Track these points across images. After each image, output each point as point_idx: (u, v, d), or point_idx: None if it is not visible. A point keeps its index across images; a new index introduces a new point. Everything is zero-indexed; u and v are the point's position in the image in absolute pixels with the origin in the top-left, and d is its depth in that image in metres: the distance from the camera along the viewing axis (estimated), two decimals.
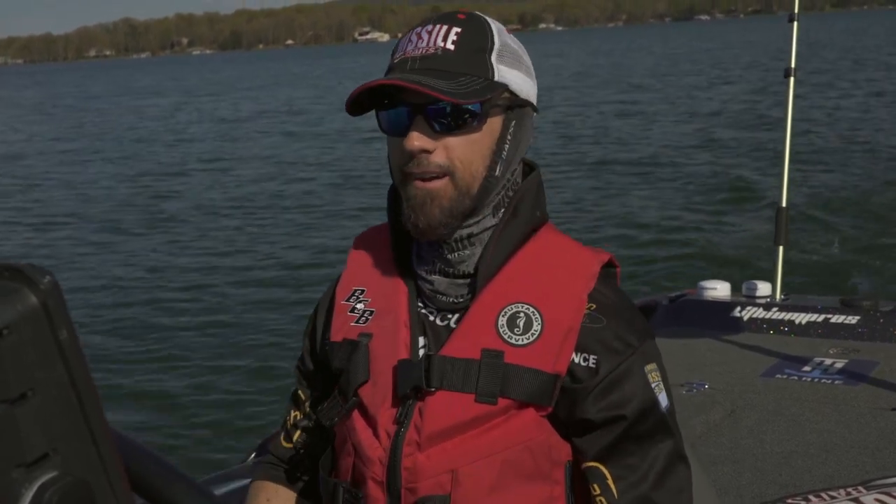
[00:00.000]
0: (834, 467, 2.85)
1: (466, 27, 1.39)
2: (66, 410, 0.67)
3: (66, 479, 0.67)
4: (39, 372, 0.65)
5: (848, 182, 13.15)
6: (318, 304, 1.62)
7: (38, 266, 0.66)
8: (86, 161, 22.54)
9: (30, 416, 0.65)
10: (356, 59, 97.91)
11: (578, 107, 27.47)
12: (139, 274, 10.79)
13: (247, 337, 8.20)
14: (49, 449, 0.66)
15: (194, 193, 16.38)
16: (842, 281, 8.42)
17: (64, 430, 0.67)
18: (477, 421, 1.35)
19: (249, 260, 11.13)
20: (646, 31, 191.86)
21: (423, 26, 1.41)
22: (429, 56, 1.37)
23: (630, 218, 11.84)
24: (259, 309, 9.03)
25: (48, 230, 13.92)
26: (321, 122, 29.28)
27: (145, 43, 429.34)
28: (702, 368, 3.75)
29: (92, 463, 0.69)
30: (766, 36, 74.29)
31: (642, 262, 9.55)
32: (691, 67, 44.10)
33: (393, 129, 1.40)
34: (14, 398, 0.64)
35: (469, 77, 1.36)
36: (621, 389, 1.37)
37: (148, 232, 13.20)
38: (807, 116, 20.23)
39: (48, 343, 0.66)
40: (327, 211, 14.00)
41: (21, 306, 0.64)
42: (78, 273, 10.85)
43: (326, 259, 10.81)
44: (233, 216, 14.01)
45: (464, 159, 1.37)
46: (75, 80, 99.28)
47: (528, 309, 1.39)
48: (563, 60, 58.88)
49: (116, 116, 38.17)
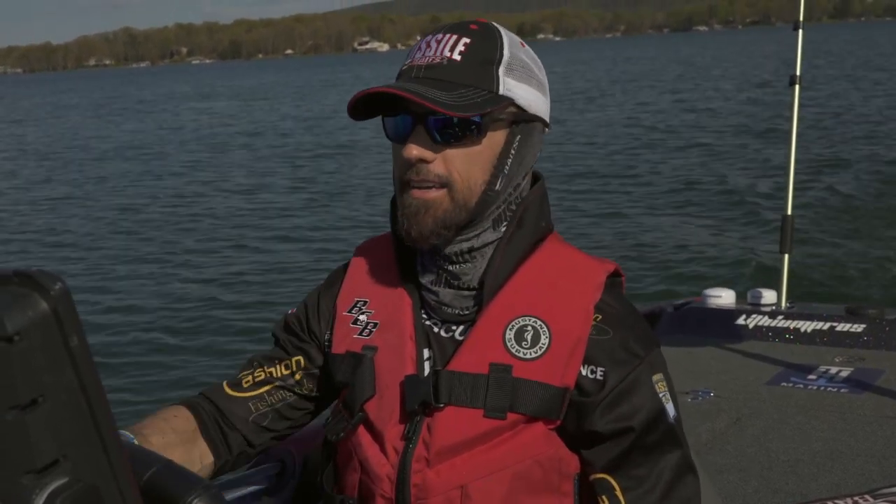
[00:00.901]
0: (840, 476, 2.84)
1: (476, 38, 1.38)
2: (77, 417, 0.67)
3: (76, 486, 0.67)
4: (49, 378, 0.66)
5: (854, 189, 13.13)
6: (311, 300, 1.59)
7: (48, 272, 0.66)
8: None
9: (40, 423, 0.65)
10: (374, 68, 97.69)
11: (584, 115, 27.48)
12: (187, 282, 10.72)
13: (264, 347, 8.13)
14: (59, 455, 0.66)
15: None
16: (847, 289, 8.41)
17: (74, 436, 0.67)
18: (486, 436, 1.35)
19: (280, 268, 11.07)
20: (644, 41, 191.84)
21: (434, 35, 1.40)
22: (433, 66, 1.36)
23: (634, 225, 11.83)
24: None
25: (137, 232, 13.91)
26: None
27: (145, 52, 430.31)
28: (707, 376, 3.74)
29: (102, 469, 0.69)
30: (765, 47, 74.28)
31: (647, 270, 9.54)
32: (693, 76, 44.11)
33: (395, 136, 1.40)
34: (24, 404, 0.64)
35: (472, 89, 1.35)
36: (629, 401, 1.36)
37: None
38: (812, 124, 20.22)
39: (58, 349, 0.66)
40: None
41: (32, 312, 0.64)
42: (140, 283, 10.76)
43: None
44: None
45: (462, 171, 1.37)
46: (112, 86, 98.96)
47: (536, 322, 1.38)
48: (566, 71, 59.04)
49: (195, 116, 38.65)
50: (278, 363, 1.55)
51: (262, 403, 1.53)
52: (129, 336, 8.64)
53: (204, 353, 8.03)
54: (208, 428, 1.49)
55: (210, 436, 1.49)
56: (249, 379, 1.54)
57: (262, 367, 1.55)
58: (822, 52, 54.93)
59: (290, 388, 1.55)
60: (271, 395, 1.53)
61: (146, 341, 8.46)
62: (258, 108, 43.70)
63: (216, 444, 1.49)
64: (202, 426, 1.49)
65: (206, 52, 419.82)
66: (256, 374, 1.54)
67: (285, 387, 1.54)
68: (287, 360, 1.55)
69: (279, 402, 1.54)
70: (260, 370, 1.55)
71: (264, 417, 1.53)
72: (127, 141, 29.22)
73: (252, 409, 1.52)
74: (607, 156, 18.72)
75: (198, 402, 1.53)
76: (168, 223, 14.37)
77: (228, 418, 1.51)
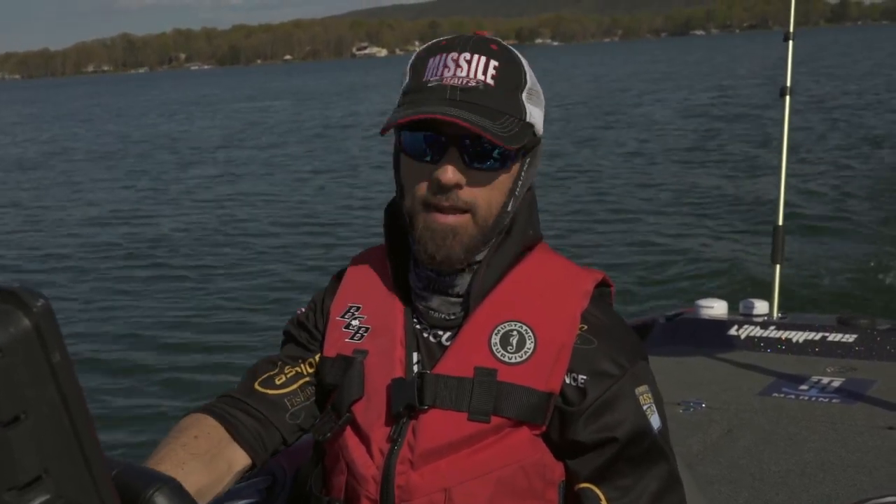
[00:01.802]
0: (831, 486, 2.85)
1: (502, 61, 1.39)
2: (59, 433, 0.67)
3: (58, 502, 0.67)
4: (32, 394, 0.66)
5: (846, 199, 13.17)
6: (318, 298, 1.61)
7: (31, 289, 0.66)
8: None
9: (23, 439, 0.65)
10: (376, 73, 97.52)
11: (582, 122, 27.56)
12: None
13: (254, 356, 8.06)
14: (42, 471, 0.66)
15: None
16: (839, 299, 8.42)
17: (57, 452, 0.67)
18: (470, 439, 1.36)
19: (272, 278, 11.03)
20: (642, 46, 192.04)
21: (458, 52, 1.39)
22: (469, 89, 1.35)
23: (626, 236, 11.85)
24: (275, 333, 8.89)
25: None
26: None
27: (143, 58, 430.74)
28: (699, 387, 3.74)
29: (84, 485, 0.69)
30: (763, 51, 74.50)
31: (638, 281, 9.55)
32: (686, 82, 44.25)
33: (419, 153, 1.38)
34: (7, 421, 0.65)
35: (509, 117, 1.36)
36: (612, 412, 1.37)
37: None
38: (804, 131, 20.29)
39: (41, 366, 0.66)
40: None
41: (14, 329, 0.65)
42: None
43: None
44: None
45: (486, 197, 1.38)
46: (141, 90, 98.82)
47: (522, 327, 1.39)
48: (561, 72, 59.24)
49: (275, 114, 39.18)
50: (302, 362, 1.56)
51: (297, 399, 1.52)
52: (114, 351, 8.59)
53: (194, 370, 7.98)
54: (242, 432, 1.47)
55: (245, 438, 1.47)
56: (282, 377, 1.53)
57: (287, 365, 1.55)
58: (817, 57, 55.07)
59: (316, 384, 1.55)
60: (304, 390, 1.53)
61: (132, 356, 8.41)
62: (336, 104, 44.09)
63: (253, 445, 1.48)
64: (235, 431, 1.47)
65: (204, 57, 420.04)
66: (287, 371, 1.54)
67: (313, 383, 1.54)
68: (310, 358, 1.56)
69: (311, 397, 1.54)
70: (289, 368, 1.54)
71: (300, 413, 1.52)
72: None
73: (289, 406, 1.51)
74: (597, 162, 18.75)
75: (222, 408, 1.50)
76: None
77: (267, 417, 1.50)
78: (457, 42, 1.41)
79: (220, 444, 1.45)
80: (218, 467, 1.42)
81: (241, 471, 1.46)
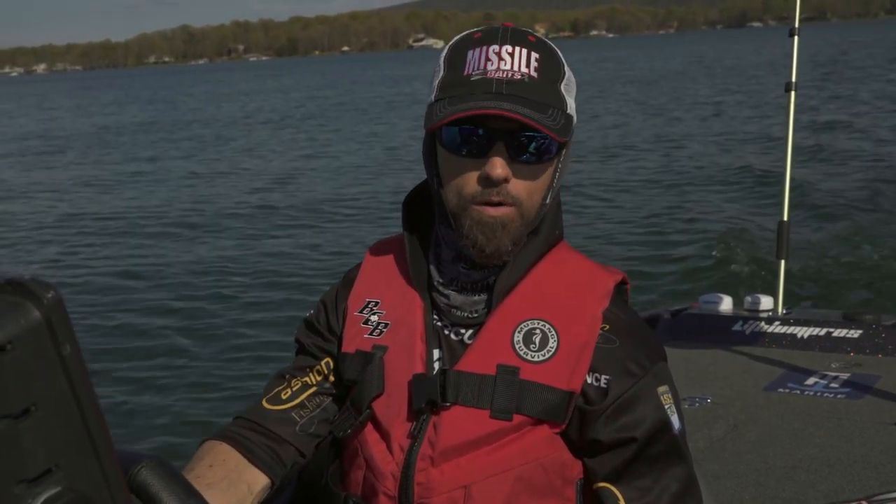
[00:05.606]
0: (837, 482, 2.84)
1: (543, 53, 1.38)
2: (69, 426, 0.67)
3: (69, 495, 0.67)
4: (42, 387, 0.65)
5: (851, 194, 13.13)
6: (329, 298, 1.60)
7: (41, 280, 0.66)
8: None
9: (33, 432, 0.65)
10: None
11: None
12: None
13: (272, 354, 8.01)
14: (52, 464, 0.66)
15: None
16: (844, 295, 8.41)
17: (67, 445, 0.67)
18: (491, 437, 1.35)
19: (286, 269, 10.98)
20: (697, 37, 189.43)
21: (499, 45, 1.37)
22: (514, 82, 1.34)
23: (632, 230, 11.84)
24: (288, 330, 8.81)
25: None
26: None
27: (203, 49, 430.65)
28: (704, 383, 3.74)
29: (95, 478, 0.69)
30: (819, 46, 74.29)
31: (644, 276, 9.54)
32: (694, 78, 44.13)
33: (462, 148, 1.37)
34: (17, 413, 0.64)
35: (554, 109, 1.35)
36: (633, 412, 1.36)
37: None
38: (813, 126, 20.23)
39: (51, 358, 0.66)
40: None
41: (24, 321, 0.64)
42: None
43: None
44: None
45: (530, 190, 1.38)
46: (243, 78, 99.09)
47: (545, 325, 1.39)
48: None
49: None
50: (310, 371, 1.56)
51: (304, 411, 1.53)
52: (125, 342, 8.60)
53: (207, 359, 7.95)
54: (256, 453, 1.48)
55: (260, 458, 1.48)
56: (287, 391, 1.54)
57: (295, 377, 1.56)
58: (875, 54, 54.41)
59: (327, 391, 1.55)
60: (311, 401, 1.54)
61: (145, 348, 8.41)
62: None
63: (269, 465, 1.48)
64: (249, 454, 1.47)
65: (262, 49, 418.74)
66: (293, 384, 1.55)
67: (322, 391, 1.54)
68: (317, 366, 1.56)
69: (320, 406, 1.54)
70: (295, 380, 1.55)
71: (310, 424, 1.52)
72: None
73: (297, 419, 1.52)
74: (604, 156, 18.73)
75: (236, 431, 1.51)
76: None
77: (277, 433, 1.50)
78: (493, 34, 1.39)
79: (236, 468, 1.45)
80: (238, 491, 1.42)
81: (261, 490, 1.47)
